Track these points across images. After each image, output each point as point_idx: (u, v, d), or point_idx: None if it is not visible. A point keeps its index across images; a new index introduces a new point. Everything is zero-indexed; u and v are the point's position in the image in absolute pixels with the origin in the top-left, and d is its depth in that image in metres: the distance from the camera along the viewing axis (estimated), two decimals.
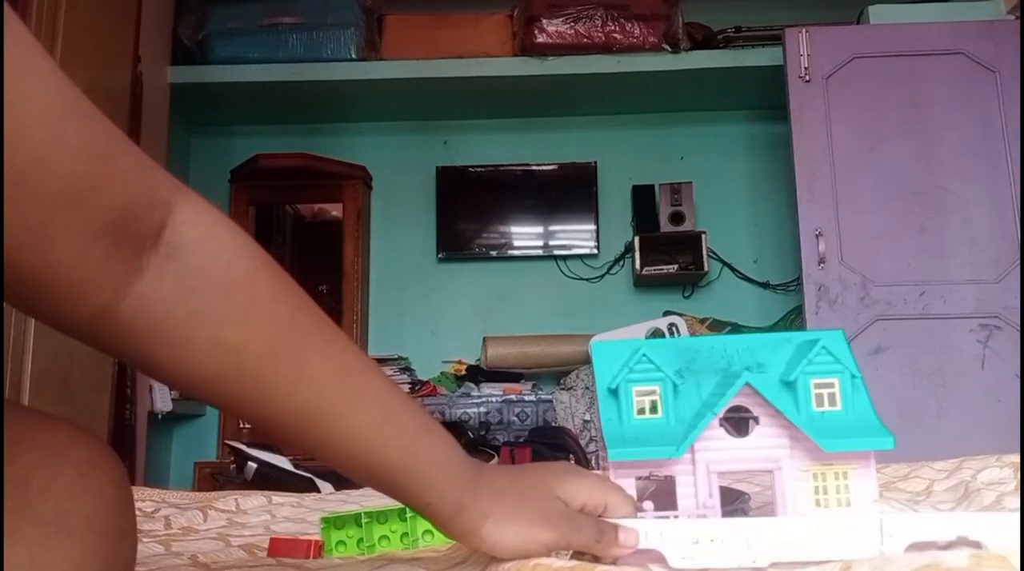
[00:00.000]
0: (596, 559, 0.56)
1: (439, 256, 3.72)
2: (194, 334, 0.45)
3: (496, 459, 2.71)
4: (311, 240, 4.11)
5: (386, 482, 0.54)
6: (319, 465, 2.13)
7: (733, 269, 3.65)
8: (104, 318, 0.42)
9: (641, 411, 0.63)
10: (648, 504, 0.62)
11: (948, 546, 0.55)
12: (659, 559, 0.56)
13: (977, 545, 0.55)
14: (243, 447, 2.30)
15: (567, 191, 3.73)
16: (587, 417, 3.12)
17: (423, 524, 0.81)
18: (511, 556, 0.55)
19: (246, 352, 0.47)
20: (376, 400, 0.53)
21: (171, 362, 0.46)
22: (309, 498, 1.31)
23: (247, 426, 3.67)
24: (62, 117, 0.37)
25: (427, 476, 0.54)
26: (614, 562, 0.56)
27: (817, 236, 2.86)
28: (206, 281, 0.46)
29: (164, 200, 0.44)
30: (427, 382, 3.39)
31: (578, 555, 0.57)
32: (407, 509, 0.78)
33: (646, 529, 0.57)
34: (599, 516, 0.58)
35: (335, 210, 3.81)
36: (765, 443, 0.62)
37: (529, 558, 0.55)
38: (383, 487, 0.55)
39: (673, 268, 3.46)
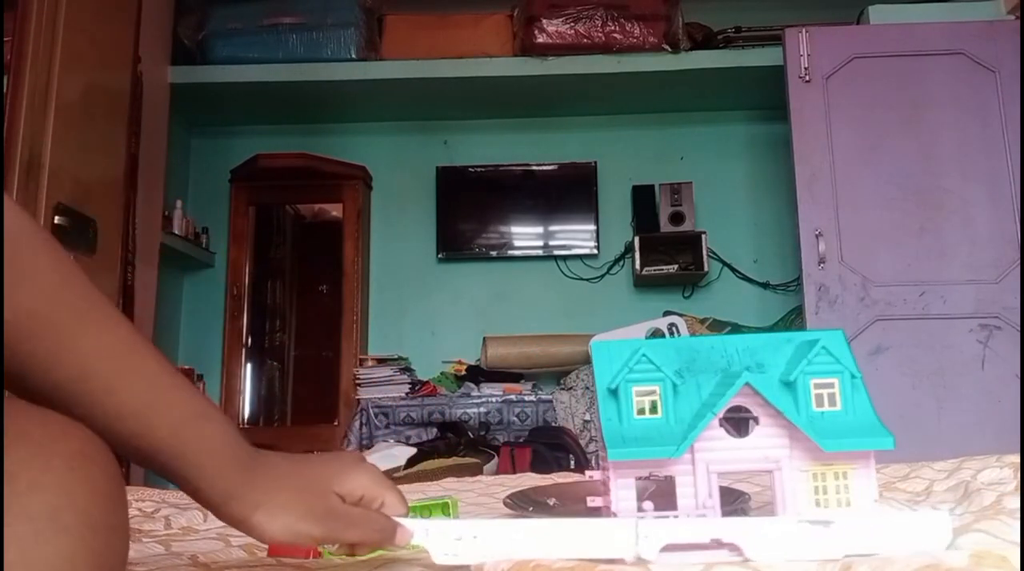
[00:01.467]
0: (355, 547, 0.59)
1: (439, 256, 3.72)
2: None
3: (496, 459, 2.71)
4: (311, 240, 4.11)
5: (157, 465, 0.53)
6: None
7: (733, 269, 3.65)
8: None
9: (641, 411, 0.63)
10: (648, 504, 0.62)
11: (704, 547, 0.56)
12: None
13: (734, 547, 0.56)
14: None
15: (567, 191, 3.73)
16: (587, 417, 3.12)
17: None
18: (279, 544, 0.57)
19: (13, 322, 0.46)
20: (144, 381, 0.52)
21: None
22: None
23: (246, 425, 3.67)
24: None
25: (196, 462, 0.53)
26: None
27: (817, 236, 2.86)
28: None
29: None
30: (427, 382, 3.39)
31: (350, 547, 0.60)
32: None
33: (415, 527, 0.60)
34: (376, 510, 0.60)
35: (335, 210, 3.81)
36: (765, 443, 0.62)
37: (299, 548, 0.59)
38: (155, 470, 0.54)
39: (673, 268, 3.46)
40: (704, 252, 3.42)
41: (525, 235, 3.77)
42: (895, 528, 0.55)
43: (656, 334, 3.24)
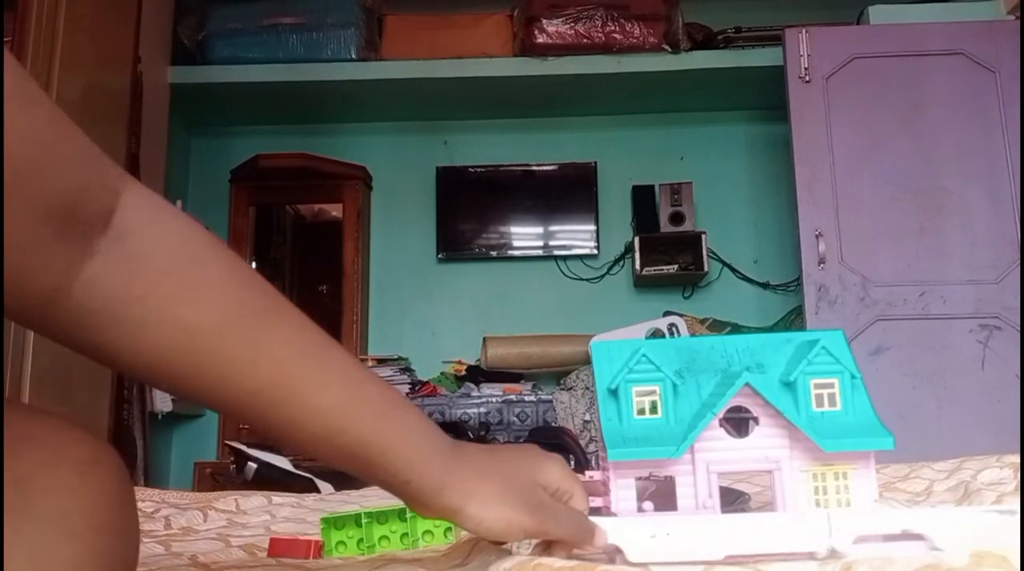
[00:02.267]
0: (550, 547, 0.57)
1: (439, 256, 3.72)
2: (146, 314, 0.45)
3: None
4: (311, 240, 4.11)
5: (361, 461, 0.52)
6: (319, 465, 2.13)
7: (733, 269, 3.65)
8: (56, 301, 0.42)
9: (641, 411, 0.63)
10: (648, 504, 0.63)
11: (893, 539, 0.56)
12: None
13: (920, 538, 0.55)
14: (243, 447, 2.30)
15: (567, 191, 3.73)
16: (587, 417, 3.12)
17: (423, 524, 0.81)
18: (492, 537, 0.55)
19: (199, 331, 0.46)
20: (342, 376, 0.52)
21: (124, 345, 0.45)
22: (309, 498, 1.31)
23: (247, 426, 3.67)
24: (6, 99, 0.37)
25: (404, 454, 0.52)
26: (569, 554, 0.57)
27: (817, 236, 2.86)
28: (156, 262, 0.46)
29: (111, 185, 0.45)
30: (427, 382, 3.39)
31: (547, 546, 0.57)
32: (407, 509, 0.78)
33: (606, 525, 0.57)
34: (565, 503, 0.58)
35: (335, 210, 3.81)
36: (765, 443, 0.62)
37: (508, 540, 0.55)
38: (358, 467, 0.53)
39: (673, 268, 3.46)
40: (704, 252, 3.42)
41: (525, 235, 3.77)
42: None
43: (656, 334, 3.24)
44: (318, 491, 1.83)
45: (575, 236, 3.73)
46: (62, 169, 0.41)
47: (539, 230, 3.77)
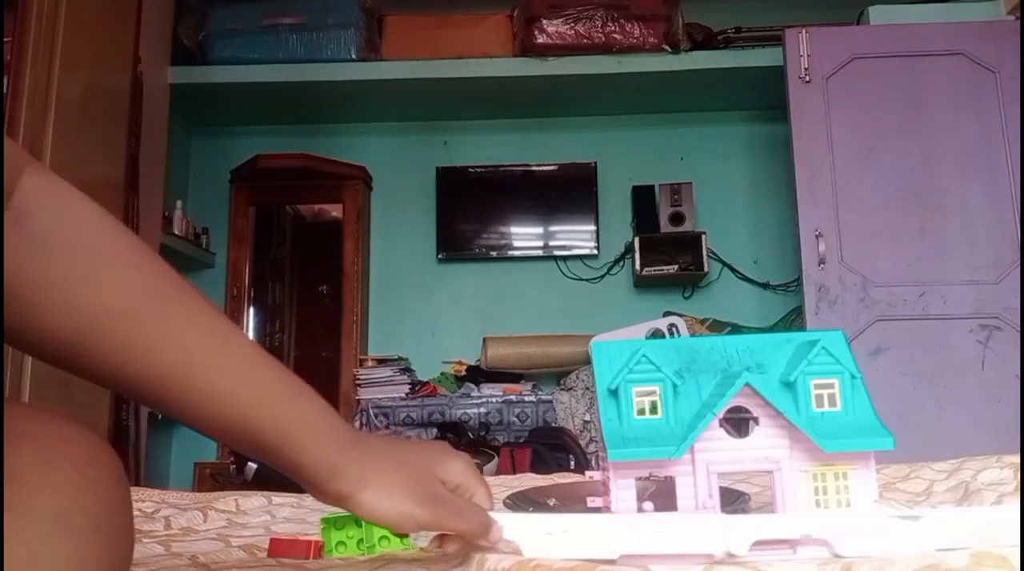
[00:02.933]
0: (445, 540, 0.58)
1: (439, 256, 3.72)
2: (46, 296, 0.45)
3: (496, 460, 2.71)
4: (311, 240, 4.11)
5: (258, 445, 0.53)
6: None
7: (733, 269, 3.65)
8: None
9: (641, 411, 0.63)
10: (648, 505, 0.62)
11: (794, 544, 0.56)
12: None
13: (824, 543, 0.56)
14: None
15: (567, 191, 3.73)
16: (587, 417, 3.12)
17: None
18: (384, 525, 0.56)
19: (101, 313, 0.47)
20: (242, 363, 0.53)
21: (25, 326, 0.45)
22: (309, 498, 1.31)
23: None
24: None
25: (299, 439, 0.53)
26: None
27: (817, 236, 2.86)
28: (56, 245, 0.46)
29: (13, 167, 0.45)
30: (427, 383, 3.39)
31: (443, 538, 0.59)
32: None
33: (503, 522, 0.59)
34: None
35: (335, 210, 3.81)
36: (765, 443, 0.62)
37: (401, 530, 0.57)
38: (257, 451, 0.54)
39: (673, 268, 3.46)
40: (704, 252, 3.42)
41: (525, 235, 3.77)
42: (982, 523, 0.55)
43: (656, 334, 3.24)
44: None
45: (575, 236, 3.73)
46: None
47: (539, 230, 3.77)
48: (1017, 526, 0.54)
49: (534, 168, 3.77)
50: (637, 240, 3.47)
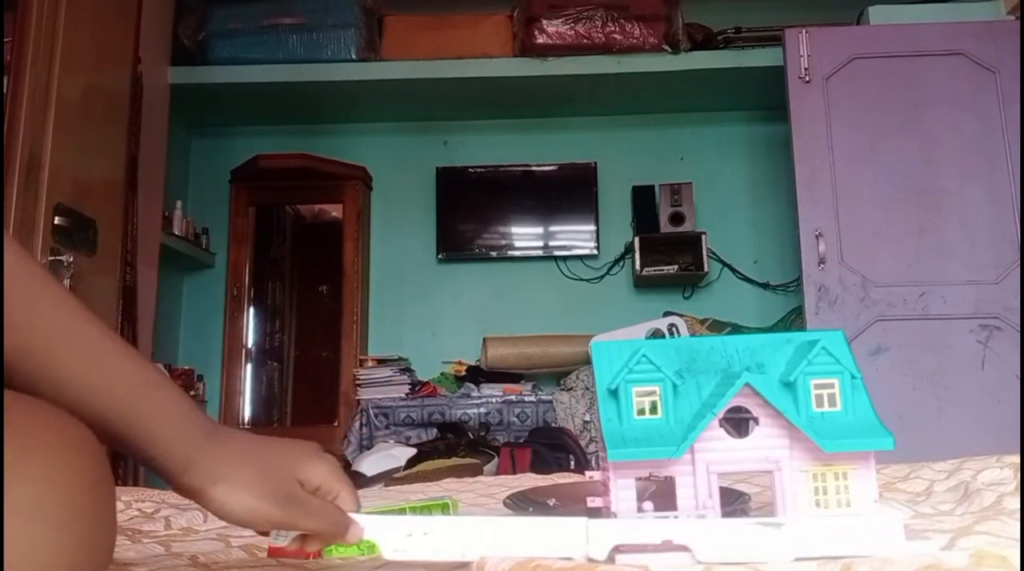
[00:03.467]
0: (306, 539, 0.59)
1: (439, 257, 3.72)
2: None
3: (496, 460, 2.71)
4: (311, 241, 4.11)
5: (109, 433, 0.52)
6: None
7: (733, 269, 3.65)
8: None
9: (641, 411, 0.63)
10: (648, 505, 0.62)
11: (655, 549, 0.57)
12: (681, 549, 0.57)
13: (684, 548, 0.56)
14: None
15: (567, 191, 3.73)
16: (587, 418, 3.12)
17: None
18: (235, 522, 0.56)
19: None
20: (90, 350, 0.52)
21: None
22: None
23: (247, 426, 3.67)
24: None
25: (149, 430, 0.53)
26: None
27: (817, 236, 2.86)
28: None
29: None
30: (427, 383, 3.39)
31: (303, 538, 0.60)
32: (407, 510, 0.78)
33: (366, 522, 0.60)
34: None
35: (335, 211, 3.81)
36: (765, 443, 0.62)
37: (253, 528, 0.57)
38: (109, 439, 0.53)
39: (673, 269, 3.46)
40: (704, 252, 3.42)
41: (525, 235, 3.77)
42: (847, 530, 0.56)
43: (656, 334, 3.24)
44: None
45: (575, 236, 3.73)
46: None
47: (539, 230, 3.77)
48: (874, 534, 0.54)
49: (534, 168, 3.77)
50: (637, 240, 3.47)
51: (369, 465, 2.65)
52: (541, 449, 2.76)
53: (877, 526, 0.56)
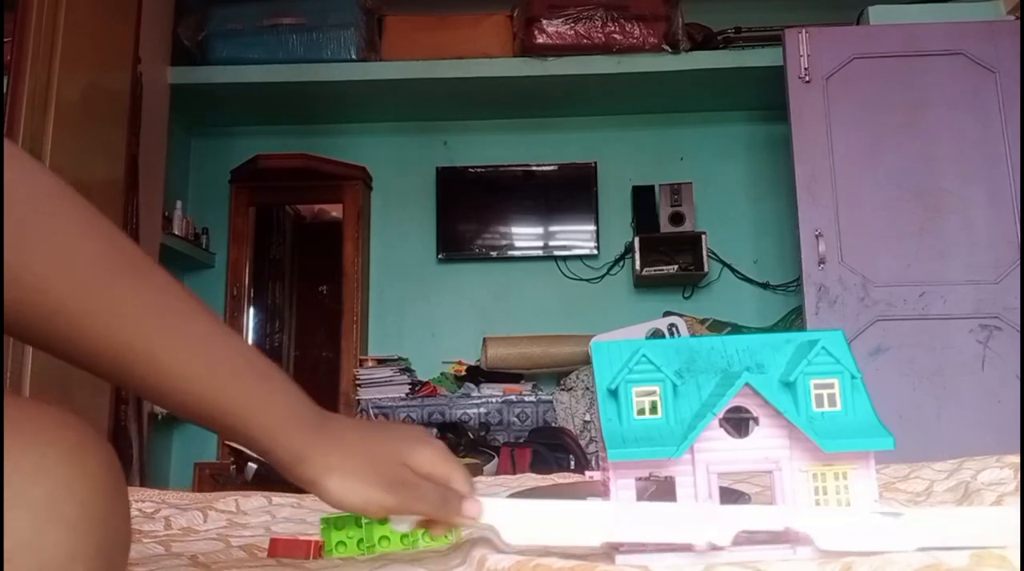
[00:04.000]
0: (429, 523, 0.60)
1: (439, 257, 3.72)
2: None
3: (496, 460, 2.71)
4: (311, 241, 4.11)
5: (223, 427, 0.53)
6: None
7: (733, 270, 3.65)
8: None
9: (641, 411, 0.63)
10: None
11: (774, 536, 0.57)
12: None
13: (806, 537, 0.56)
14: (243, 448, 2.30)
15: (567, 191, 3.73)
16: (587, 418, 3.12)
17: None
18: (350, 511, 0.56)
19: (51, 290, 0.45)
20: (204, 342, 0.51)
21: None
22: (309, 499, 1.31)
23: None
24: None
25: (264, 423, 0.53)
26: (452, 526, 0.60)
27: (817, 237, 2.86)
28: (8, 217, 0.44)
29: None
30: (427, 383, 3.39)
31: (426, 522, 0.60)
32: None
33: (488, 505, 0.59)
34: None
35: (335, 211, 3.81)
36: (765, 443, 0.62)
37: (369, 515, 0.58)
38: (222, 432, 0.53)
39: (673, 269, 3.46)
40: (704, 252, 3.42)
41: (525, 235, 3.77)
42: (963, 521, 0.55)
43: (656, 334, 3.24)
44: None
45: (575, 236, 3.73)
46: None
47: (539, 230, 3.77)
48: (1016, 525, 0.54)
49: (534, 168, 3.77)
50: (637, 240, 3.47)
51: None
52: (541, 449, 2.76)
53: (996, 518, 0.55)
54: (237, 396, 0.52)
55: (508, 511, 0.58)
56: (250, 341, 3.73)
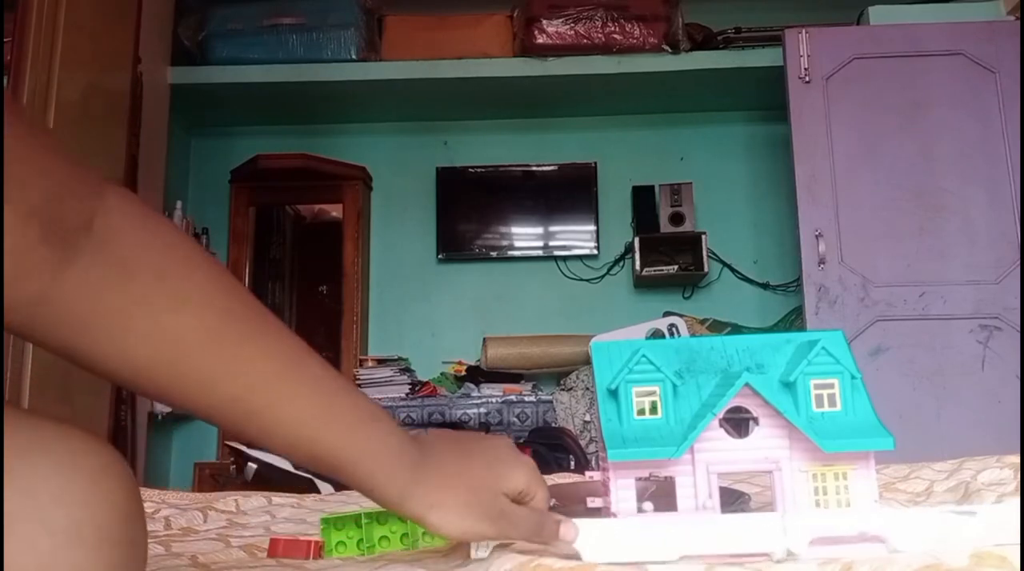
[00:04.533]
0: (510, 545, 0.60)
1: (439, 257, 3.72)
2: (132, 322, 0.46)
3: None
4: (311, 241, 4.11)
5: (330, 468, 0.55)
6: None
7: (733, 270, 3.65)
8: (41, 306, 0.43)
9: (641, 412, 0.63)
10: (648, 505, 0.63)
11: (851, 540, 0.56)
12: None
13: (878, 539, 0.56)
14: (243, 448, 2.30)
15: (567, 192, 3.73)
16: (587, 418, 3.12)
17: None
18: (454, 540, 0.59)
19: (182, 340, 0.47)
20: (316, 388, 0.54)
21: (109, 351, 0.46)
22: (309, 499, 1.31)
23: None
24: None
25: (370, 465, 0.55)
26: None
27: (817, 237, 2.86)
28: (139, 268, 0.46)
29: (92, 190, 0.45)
30: (427, 383, 3.39)
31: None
32: None
33: (577, 525, 0.59)
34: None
35: (335, 211, 3.81)
36: (765, 444, 0.62)
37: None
38: (329, 472, 0.55)
39: (673, 269, 3.46)
40: (704, 253, 3.42)
41: (525, 236, 3.77)
42: None
43: (656, 335, 3.24)
44: (318, 491, 1.83)
45: (575, 236, 3.73)
46: (38, 177, 0.42)
47: (539, 230, 3.77)
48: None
49: (534, 168, 3.77)
50: (637, 240, 3.47)
51: None
52: (541, 449, 2.76)
53: None
54: (343, 440, 0.54)
55: (593, 530, 0.59)
56: None
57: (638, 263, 3.45)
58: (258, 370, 0.50)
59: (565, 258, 3.72)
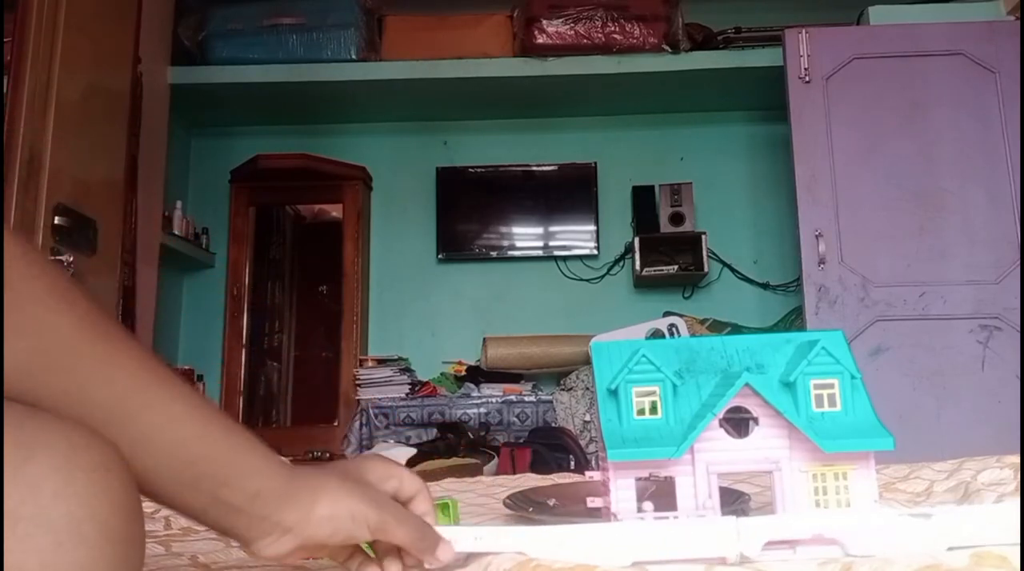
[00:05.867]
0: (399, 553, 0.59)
1: (439, 257, 3.72)
2: None
3: (496, 460, 2.71)
4: (311, 241, 4.11)
5: (207, 476, 0.51)
6: None
7: (733, 270, 3.65)
8: None
9: (641, 412, 0.63)
10: (648, 505, 0.62)
11: (805, 543, 0.56)
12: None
13: (833, 542, 0.56)
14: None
15: (567, 192, 3.73)
16: (587, 418, 3.12)
17: None
18: (341, 534, 0.56)
19: (29, 363, 0.45)
20: (182, 401, 0.51)
21: None
22: None
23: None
24: None
25: (251, 463, 0.53)
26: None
27: (817, 237, 2.86)
28: None
29: None
30: (427, 383, 3.39)
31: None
32: None
33: (461, 535, 0.59)
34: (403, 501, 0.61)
35: (335, 211, 3.81)
36: (765, 444, 0.62)
37: (356, 538, 0.56)
38: (204, 484, 0.51)
39: (673, 269, 3.46)
40: (704, 253, 3.42)
41: (525, 236, 3.77)
42: (992, 520, 0.55)
43: (656, 335, 3.24)
44: None
45: (575, 236, 3.73)
46: None
47: (539, 230, 3.77)
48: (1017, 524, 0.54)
49: (534, 168, 3.77)
50: (637, 240, 3.47)
51: None
52: (541, 449, 2.76)
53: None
54: (225, 442, 0.52)
55: (537, 538, 0.58)
56: (250, 341, 3.73)
57: (638, 263, 3.45)
58: (130, 374, 0.48)
59: (565, 258, 3.72)
